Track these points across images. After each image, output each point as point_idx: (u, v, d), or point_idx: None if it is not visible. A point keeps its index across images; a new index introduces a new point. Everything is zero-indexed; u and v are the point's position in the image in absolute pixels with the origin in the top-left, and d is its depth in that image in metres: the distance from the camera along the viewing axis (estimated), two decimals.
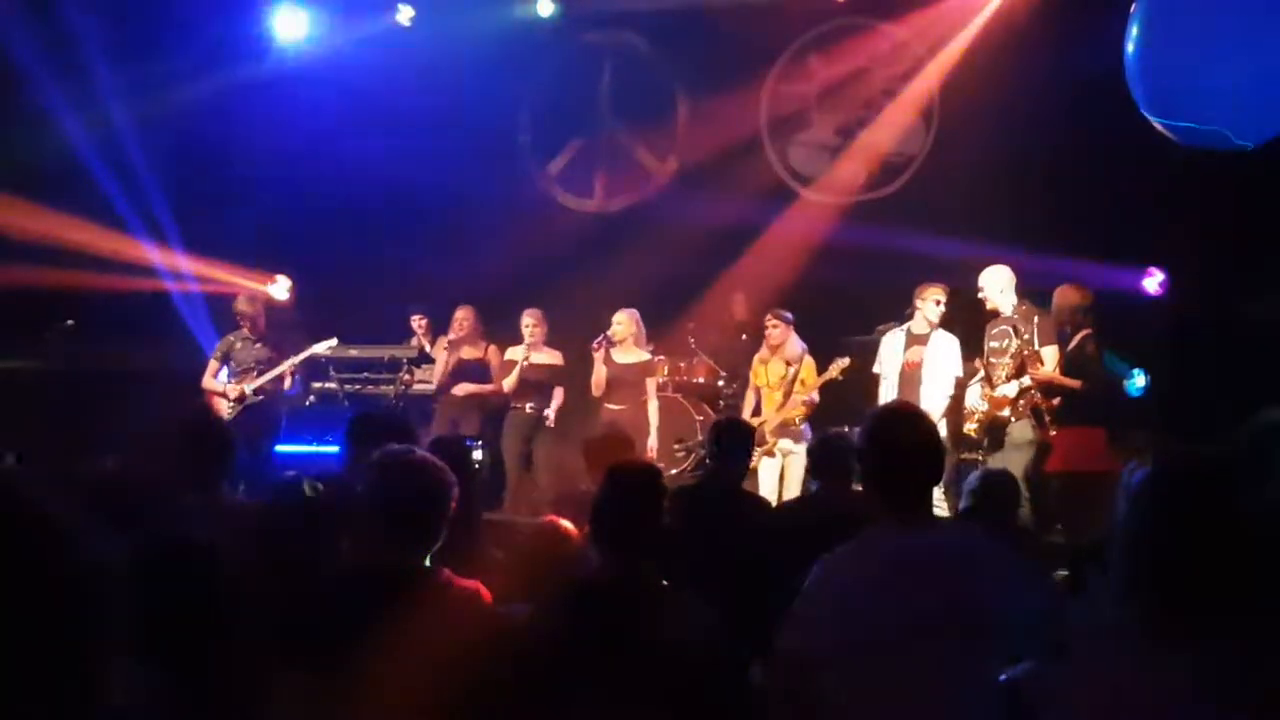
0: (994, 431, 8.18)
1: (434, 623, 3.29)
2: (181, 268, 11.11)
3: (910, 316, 8.96)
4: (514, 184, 12.08)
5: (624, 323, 9.34)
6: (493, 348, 9.89)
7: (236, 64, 11.08)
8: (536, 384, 9.64)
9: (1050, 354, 8.12)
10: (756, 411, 9.30)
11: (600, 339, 9.29)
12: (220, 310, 10.42)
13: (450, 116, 11.48)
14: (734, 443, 5.94)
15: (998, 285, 8.42)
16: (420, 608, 3.33)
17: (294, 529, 4.49)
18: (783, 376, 9.14)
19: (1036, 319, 8.22)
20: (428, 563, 3.52)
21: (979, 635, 3.05)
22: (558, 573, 3.93)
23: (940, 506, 7.69)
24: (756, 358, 9.50)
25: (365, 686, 3.16)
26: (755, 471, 9.18)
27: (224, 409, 9.20)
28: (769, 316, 9.34)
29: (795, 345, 9.19)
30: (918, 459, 3.28)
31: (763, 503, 6.02)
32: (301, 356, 9.65)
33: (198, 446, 4.83)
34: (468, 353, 9.90)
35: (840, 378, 8.98)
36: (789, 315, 9.29)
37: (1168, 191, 9.32)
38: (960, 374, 8.67)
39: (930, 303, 8.80)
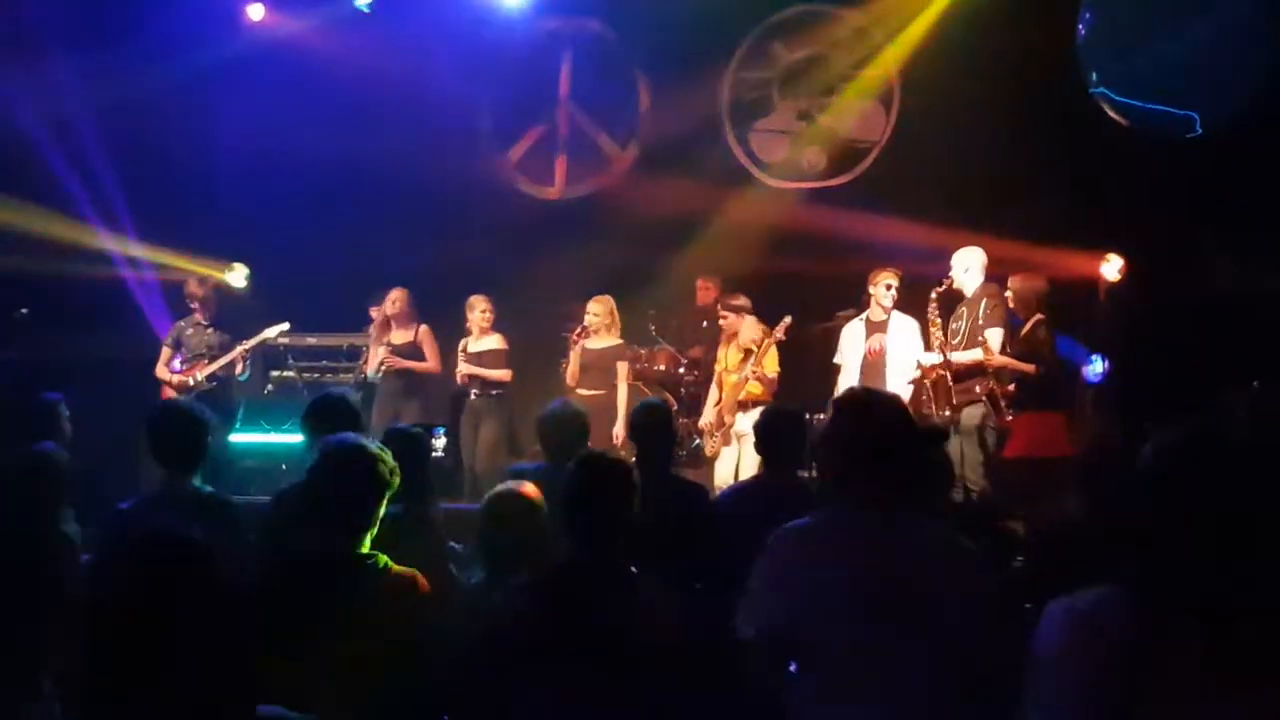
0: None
1: (367, 610, 3.31)
2: (137, 255, 11.00)
3: (867, 304, 8.94)
4: (474, 171, 12.00)
5: (599, 312, 9.30)
6: (424, 329, 9.82)
7: (193, 50, 10.94)
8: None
9: (994, 336, 8.11)
10: (719, 401, 9.29)
11: (579, 330, 9.26)
12: (177, 298, 10.33)
13: (409, 103, 11.39)
14: (646, 425, 5.69)
15: (963, 265, 8.41)
16: (353, 595, 3.34)
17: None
18: (741, 360, 9.10)
19: (985, 301, 8.22)
20: (365, 550, 3.51)
21: (937, 618, 3.02)
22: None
23: None
24: (719, 346, 9.50)
25: (301, 675, 3.14)
26: (712, 461, 9.18)
27: (174, 397, 9.13)
28: (719, 308, 9.32)
29: (752, 329, 9.13)
30: (885, 442, 3.23)
31: (690, 488, 5.84)
32: (253, 342, 9.56)
33: (170, 435, 4.80)
34: (398, 336, 9.82)
35: (784, 337, 8.94)
36: (739, 303, 9.25)
37: (1125, 177, 9.37)
38: (924, 360, 8.62)
39: (881, 287, 8.77)
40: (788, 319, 8.96)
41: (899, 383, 8.49)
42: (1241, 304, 8.76)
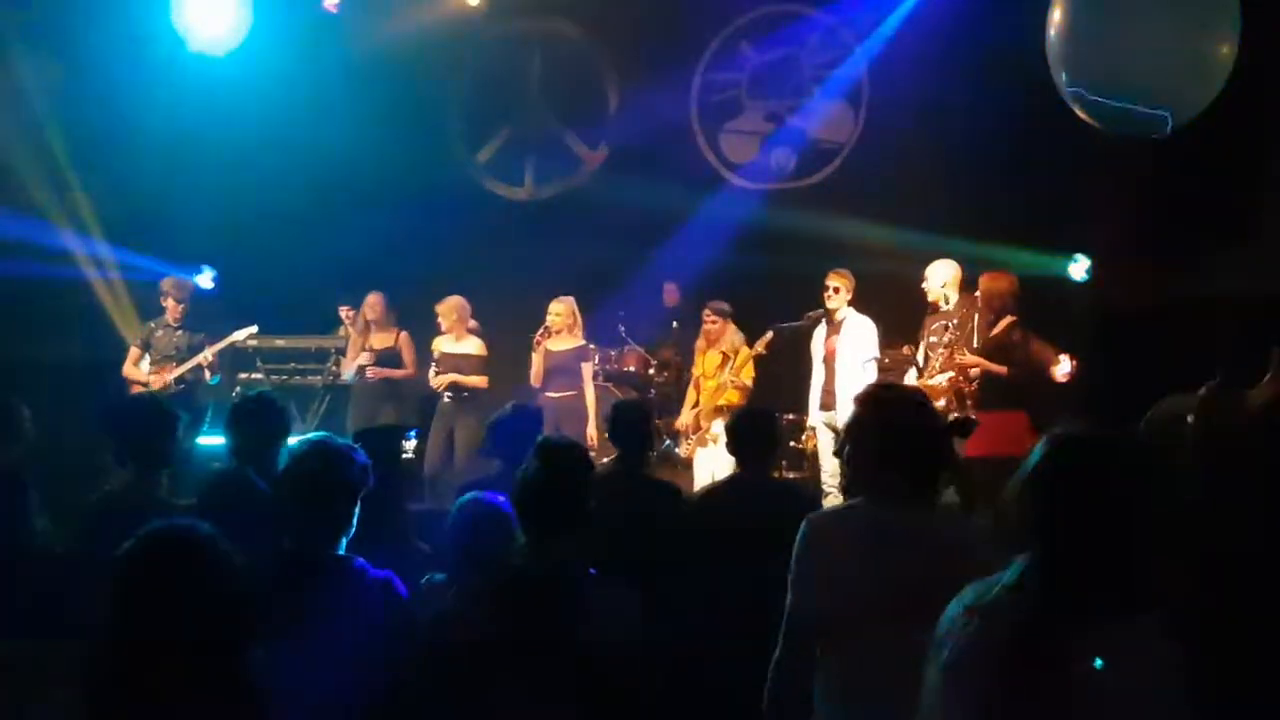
0: None
1: (345, 611, 3.28)
2: (104, 258, 10.91)
3: (824, 306, 9.00)
4: (444, 172, 11.97)
5: (561, 312, 9.32)
6: (404, 335, 9.81)
7: (160, 52, 10.86)
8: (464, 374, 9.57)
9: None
10: (696, 403, 9.35)
11: (541, 331, 9.26)
12: (143, 300, 10.26)
13: (378, 104, 11.35)
14: (624, 425, 5.71)
15: (940, 280, 8.44)
16: (331, 596, 3.31)
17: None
18: (719, 365, 9.19)
19: (977, 317, 8.24)
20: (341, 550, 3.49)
21: None
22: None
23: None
24: (696, 348, 9.56)
25: (277, 675, 3.12)
26: (690, 461, 9.23)
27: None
28: (706, 310, 9.39)
29: (733, 336, 9.25)
30: (911, 439, 3.26)
31: (667, 489, 5.85)
32: (222, 344, 9.52)
33: (135, 431, 4.73)
34: (379, 340, 9.82)
35: (765, 351, 9.01)
36: (726, 308, 9.35)
37: (1092, 177, 9.40)
38: (877, 355, 8.73)
39: (827, 290, 8.86)
40: (769, 334, 9.03)
41: (848, 380, 8.50)
42: (1208, 305, 8.80)
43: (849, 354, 8.73)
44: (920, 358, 8.47)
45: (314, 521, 3.45)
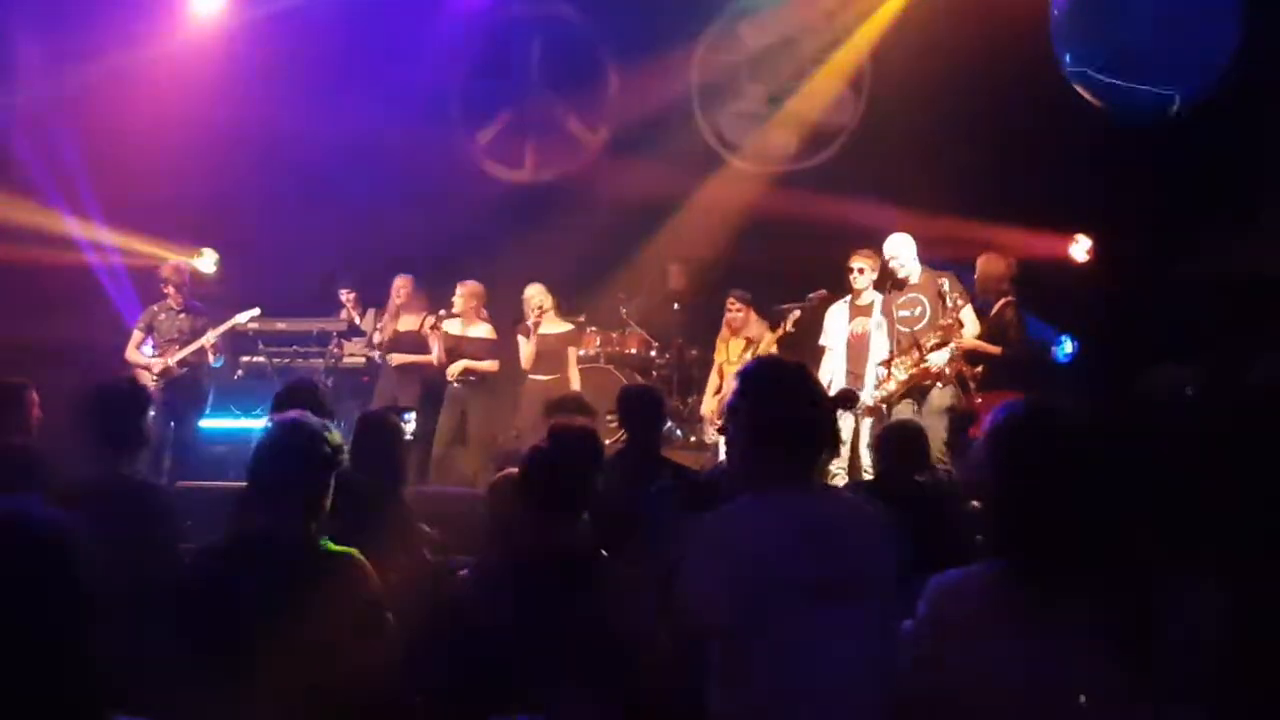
0: (912, 395, 8.15)
1: (298, 590, 3.24)
2: (105, 241, 10.90)
3: (849, 288, 8.95)
4: (444, 155, 11.95)
5: (535, 295, 9.38)
6: (432, 320, 9.83)
7: (158, 31, 10.85)
8: (472, 357, 9.59)
9: (969, 313, 8.14)
10: (719, 390, 9.37)
11: (533, 322, 9.30)
12: (145, 284, 10.26)
13: (379, 87, 11.33)
14: (637, 410, 5.72)
15: (910, 253, 8.37)
16: (292, 576, 3.28)
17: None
18: (742, 352, 9.22)
19: (946, 282, 8.20)
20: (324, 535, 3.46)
21: (880, 598, 2.92)
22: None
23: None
24: (719, 337, 9.58)
25: (243, 659, 3.12)
26: (716, 448, 9.24)
27: (148, 382, 9.08)
28: (730, 299, 9.44)
29: (756, 323, 9.28)
30: (813, 417, 3.10)
31: (683, 469, 5.84)
32: (224, 327, 9.52)
33: (105, 414, 4.69)
34: (405, 324, 9.84)
35: (793, 330, 9.00)
36: (748, 296, 9.37)
37: (1094, 158, 9.40)
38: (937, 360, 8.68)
39: (851, 271, 8.80)
40: (796, 313, 9.02)
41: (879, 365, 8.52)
42: (1209, 286, 8.81)
43: (881, 339, 8.61)
44: (892, 339, 8.36)
45: (282, 500, 3.43)
